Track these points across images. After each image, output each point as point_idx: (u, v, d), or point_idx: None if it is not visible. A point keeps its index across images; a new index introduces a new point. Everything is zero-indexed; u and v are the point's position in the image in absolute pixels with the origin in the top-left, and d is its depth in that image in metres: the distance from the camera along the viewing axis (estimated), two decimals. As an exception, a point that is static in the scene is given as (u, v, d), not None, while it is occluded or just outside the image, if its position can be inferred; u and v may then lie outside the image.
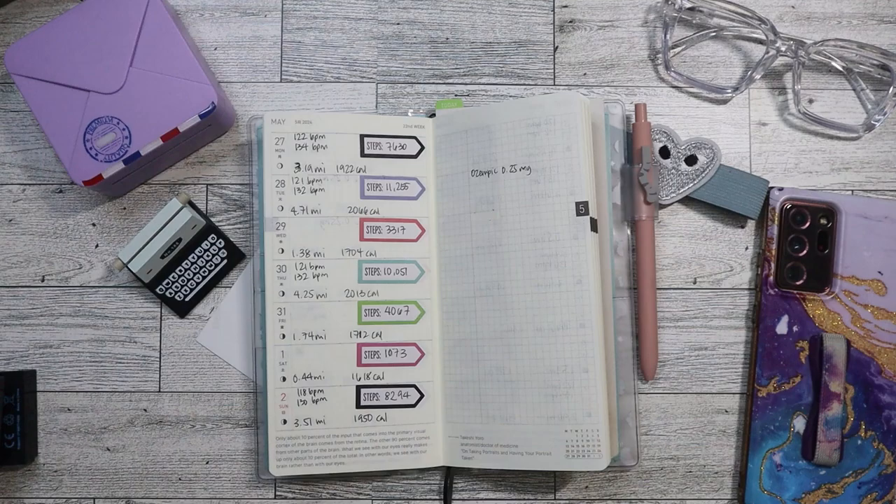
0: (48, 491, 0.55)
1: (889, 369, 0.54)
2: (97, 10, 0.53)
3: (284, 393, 0.53)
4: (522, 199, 0.53)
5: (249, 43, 0.58)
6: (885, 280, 0.54)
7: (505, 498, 0.55)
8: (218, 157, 0.57)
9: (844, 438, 0.53)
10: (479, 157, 0.54)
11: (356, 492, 0.55)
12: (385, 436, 0.54)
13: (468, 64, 0.58)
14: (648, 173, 0.54)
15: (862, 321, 0.54)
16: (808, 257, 0.54)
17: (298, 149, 0.54)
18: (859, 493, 0.53)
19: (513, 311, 0.53)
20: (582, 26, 0.58)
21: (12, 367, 0.56)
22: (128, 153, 0.53)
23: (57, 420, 0.55)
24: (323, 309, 0.54)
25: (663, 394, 0.56)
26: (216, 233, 0.56)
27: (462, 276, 0.54)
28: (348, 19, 0.58)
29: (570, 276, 0.51)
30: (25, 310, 0.56)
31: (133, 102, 0.53)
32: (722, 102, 0.58)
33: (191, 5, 0.58)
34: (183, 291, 0.56)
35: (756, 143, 0.57)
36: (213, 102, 0.53)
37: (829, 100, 0.58)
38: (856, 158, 0.57)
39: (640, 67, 0.58)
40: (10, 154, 0.57)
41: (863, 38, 0.57)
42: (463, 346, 0.54)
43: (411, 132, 0.56)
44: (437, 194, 0.56)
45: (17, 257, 0.56)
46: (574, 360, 0.51)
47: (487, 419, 0.53)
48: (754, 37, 0.58)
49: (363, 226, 0.55)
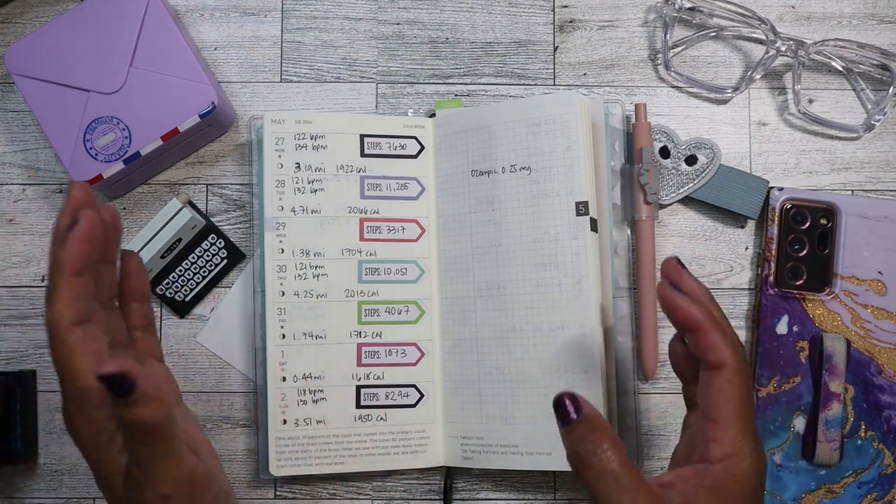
0: (48, 491, 0.55)
1: (889, 369, 0.54)
2: (97, 10, 0.53)
3: (284, 393, 0.53)
4: (522, 199, 0.53)
5: (249, 43, 0.58)
6: (885, 280, 0.54)
7: (505, 498, 0.55)
8: (218, 157, 0.57)
9: (844, 438, 0.53)
10: (479, 157, 0.54)
11: (356, 492, 0.55)
12: (385, 436, 0.54)
13: (468, 64, 0.58)
14: (648, 173, 0.54)
15: (862, 321, 0.54)
16: (808, 257, 0.54)
17: (298, 149, 0.54)
18: (859, 493, 0.53)
19: (513, 311, 0.53)
20: (582, 26, 0.58)
21: (12, 367, 0.56)
22: (128, 153, 0.53)
23: (57, 420, 0.55)
24: (323, 309, 0.54)
25: (663, 394, 0.56)
26: (216, 233, 0.56)
27: (462, 276, 0.54)
28: (348, 19, 0.58)
29: (570, 276, 0.51)
30: (25, 310, 0.56)
31: (133, 102, 0.53)
32: (722, 102, 0.58)
33: (191, 5, 0.58)
34: (183, 291, 0.56)
35: (756, 143, 0.57)
36: (213, 102, 0.53)
37: (829, 100, 0.58)
38: (856, 158, 0.57)
39: (640, 67, 0.58)
40: (10, 154, 0.57)
41: (863, 38, 0.57)
42: (463, 346, 0.54)
43: (411, 132, 0.56)
44: (437, 194, 0.56)
45: (17, 257, 0.56)
46: (574, 360, 0.51)
47: (487, 419, 0.53)
48: (754, 37, 0.58)
49: (363, 226, 0.55)
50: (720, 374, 0.40)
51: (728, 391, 0.40)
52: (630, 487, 0.38)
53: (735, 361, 0.40)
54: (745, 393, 0.40)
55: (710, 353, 0.40)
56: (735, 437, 0.39)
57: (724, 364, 0.40)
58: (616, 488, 0.38)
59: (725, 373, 0.40)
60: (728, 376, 0.40)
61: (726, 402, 0.40)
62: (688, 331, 0.41)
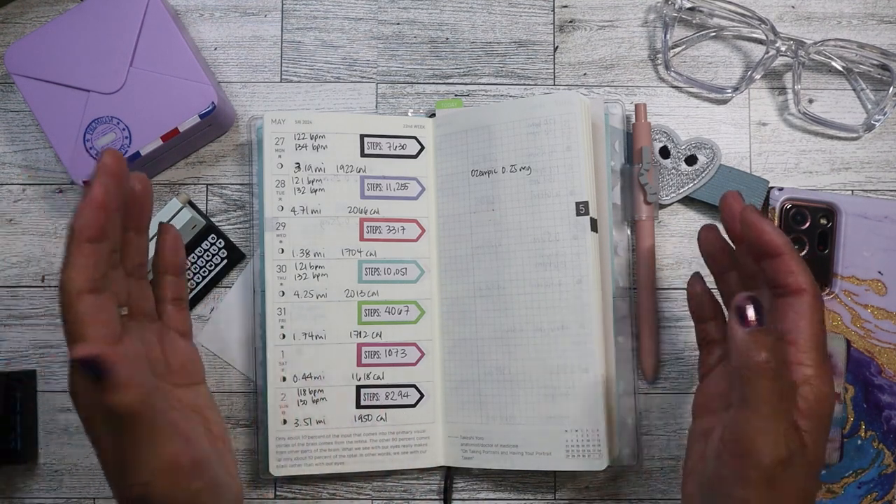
0: (48, 491, 0.55)
1: (889, 369, 0.54)
2: (97, 10, 0.53)
3: (284, 393, 0.53)
4: (522, 199, 0.53)
5: (249, 43, 0.58)
6: (885, 280, 0.54)
7: (505, 498, 0.55)
8: (218, 157, 0.57)
9: (844, 438, 0.53)
10: (479, 157, 0.54)
11: (356, 492, 0.55)
12: (385, 436, 0.54)
13: (468, 64, 0.58)
14: (648, 173, 0.54)
15: (862, 321, 0.54)
16: (808, 257, 0.54)
17: (298, 149, 0.54)
18: (859, 493, 0.53)
19: (513, 311, 0.52)
20: (582, 26, 0.58)
21: (12, 367, 0.56)
22: (128, 153, 0.53)
23: (57, 420, 0.55)
24: (323, 309, 0.54)
25: (663, 394, 0.56)
26: (216, 233, 0.56)
27: (462, 276, 0.54)
28: (348, 19, 0.58)
29: (570, 276, 0.51)
30: (25, 310, 0.56)
31: (133, 102, 0.53)
32: (722, 102, 0.58)
33: (191, 5, 0.58)
34: (183, 291, 0.56)
35: (756, 143, 0.57)
36: (213, 102, 0.53)
37: (829, 100, 0.58)
38: (856, 158, 0.57)
39: (640, 67, 0.58)
40: (10, 154, 0.57)
41: (863, 38, 0.57)
42: (463, 346, 0.54)
43: (411, 132, 0.56)
44: (437, 194, 0.56)
45: (17, 257, 0.56)
46: (574, 360, 0.51)
47: (487, 419, 0.53)
48: (754, 37, 0.58)
49: (363, 226, 0.55)
50: (801, 298, 0.40)
51: (809, 315, 0.40)
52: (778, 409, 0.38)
53: (814, 288, 0.40)
54: (822, 320, 0.41)
55: (792, 277, 0.40)
56: (817, 358, 0.40)
57: (805, 289, 0.40)
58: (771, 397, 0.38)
59: (805, 297, 0.40)
60: (808, 301, 0.40)
61: (808, 326, 0.40)
62: (767, 256, 0.41)
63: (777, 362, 0.38)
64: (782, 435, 0.38)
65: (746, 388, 0.38)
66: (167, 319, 0.45)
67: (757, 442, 0.38)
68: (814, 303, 0.40)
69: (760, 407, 0.38)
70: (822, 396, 0.39)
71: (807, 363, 0.40)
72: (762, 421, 0.38)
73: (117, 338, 0.38)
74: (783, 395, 0.38)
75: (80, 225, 0.37)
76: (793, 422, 0.39)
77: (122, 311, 0.41)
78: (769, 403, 0.38)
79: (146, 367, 0.41)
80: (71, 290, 0.36)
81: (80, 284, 0.37)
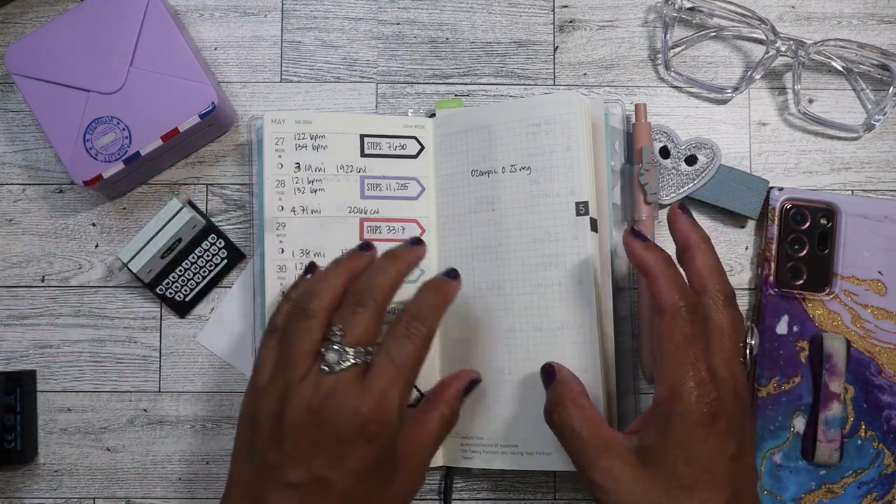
0: (48, 491, 0.55)
1: (889, 369, 0.54)
2: (97, 10, 0.53)
3: (284, 393, 0.53)
4: (522, 199, 0.53)
5: (249, 43, 0.58)
6: (885, 280, 0.54)
7: (505, 498, 0.55)
8: (218, 157, 0.57)
9: (844, 438, 0.53)
10: (479, 157, 0.54)
11: (356, 492, 0.55)
12: (385, 436, 0.53)
13: (468, 64, 0.58)
14: (648, 173, 0.54)
15: (862, 321, 0.54)
16: (808, 257, 0.54)
17: (298, 149, 0.54)
18: (859, 493, 0.53)
19: (513, 311, 0.52)
20: (582, 26, 0.58)
21: (12, 367, 0.56)
22: (128, 153, 0.53)
23: (57, 420, 0.55)
24: (323, 309, 0.54)
25: (663, 394, 0.56)
26: (216, 233, 0.56)
27: (462, 276, 0.54)
28: (348, 19, 0.58)
29: (570, 276, 0.51)
30: (25, 310, 0.56)
31: (133, 102, 0.53)
32: (722, 102, 0.58)
33: (191, 5, 0.58)
34: (183, 291, 0.56)
35: (756, 143, 0.57)
36: (213, 102, 0.53)
37: (829, 100, 0.58)
38: (856, 158, 0.57)
39: (640, 67, 0.58)
40: (10, 154, 0.57)
41: (863, 38, 0.57)
42: (462, 345, 0.54)
43: (411, 132, 0.56)
44: (437, 194, 0.56)
45: (17, 257, 0.56)
46: (574, 360, 0.51)
47: (487, 419, 0.53)
48: (754, 37, 0.58)
49: (363, 226, 0.55)
50: (660, 317, 0.43)
51: (667, 334, 0.43)
52: (589, 443, 0.43)
53: (672, 307, 0.43)
54: (690, 334, 0.43)
55: (655, 298, 0.44)
56: (673, 377, 0.42)
57: (663, 309, 0.43)
58: (576, 443, 0.44)
59: (664, 317, 0.43)
60: (666, 320, 0.43)
61: (665, 344, 0.43)
62: (642, 275, 0.45)
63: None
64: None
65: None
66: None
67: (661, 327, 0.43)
68: (672, 321, 0.43)
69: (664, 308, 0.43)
70: (680, 414, 0.42)
71: (664, 382, 0.43)
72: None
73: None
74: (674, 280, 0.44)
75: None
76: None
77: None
78: (571, 453, 0.45)
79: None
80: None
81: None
